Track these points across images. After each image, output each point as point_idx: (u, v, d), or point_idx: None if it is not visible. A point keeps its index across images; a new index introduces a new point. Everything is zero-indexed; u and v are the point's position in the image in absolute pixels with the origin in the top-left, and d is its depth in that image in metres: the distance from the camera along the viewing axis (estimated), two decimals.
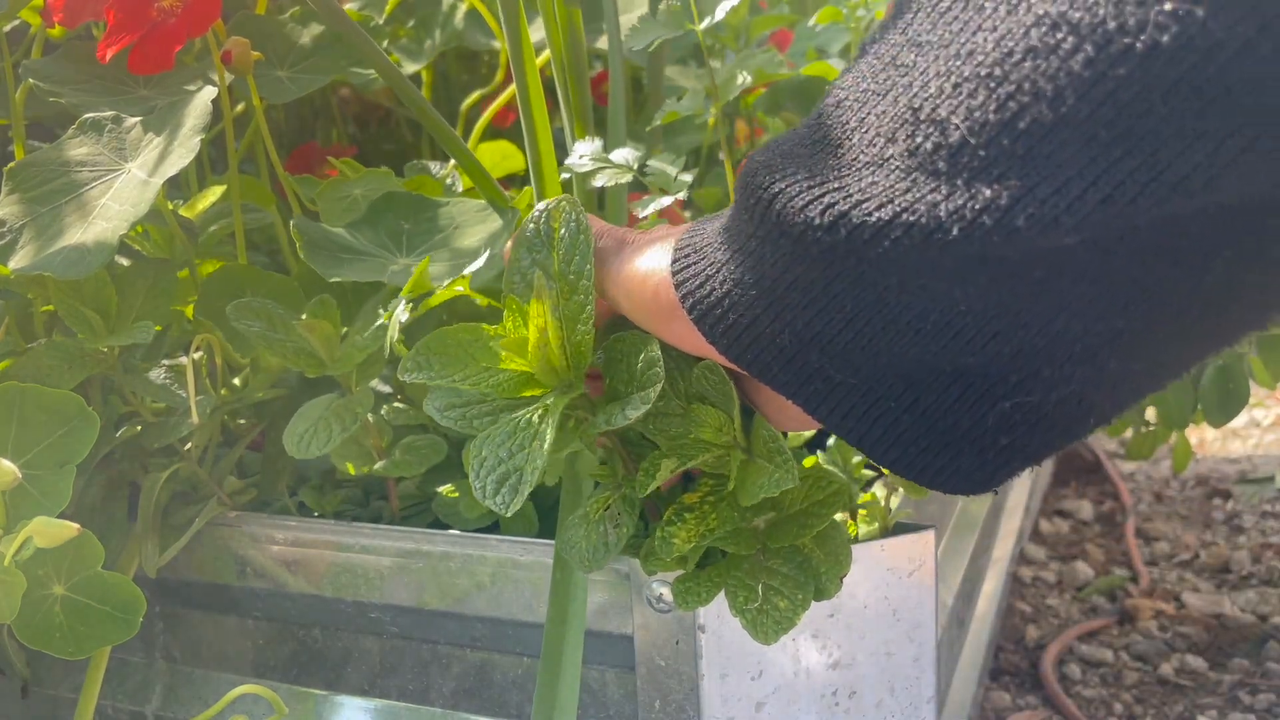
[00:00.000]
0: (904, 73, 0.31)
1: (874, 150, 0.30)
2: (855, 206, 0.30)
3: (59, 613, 0.50)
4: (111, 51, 0.56)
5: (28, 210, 0.53)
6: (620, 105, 0.67)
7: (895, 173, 0.29)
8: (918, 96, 0.30)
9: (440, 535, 0.56)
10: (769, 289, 0.34)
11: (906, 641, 0.54)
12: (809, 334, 0.33)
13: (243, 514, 0.61)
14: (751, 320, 0.35)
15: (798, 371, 0.35)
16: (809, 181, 0.32)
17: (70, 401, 0.51)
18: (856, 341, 0.33)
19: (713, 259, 0.36)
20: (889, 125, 0.30)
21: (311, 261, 0.56)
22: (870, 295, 0.31)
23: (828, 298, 0.32)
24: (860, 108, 0.32)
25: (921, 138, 0.29)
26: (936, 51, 0.30)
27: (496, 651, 0.56)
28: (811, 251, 0.31)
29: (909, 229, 0.28)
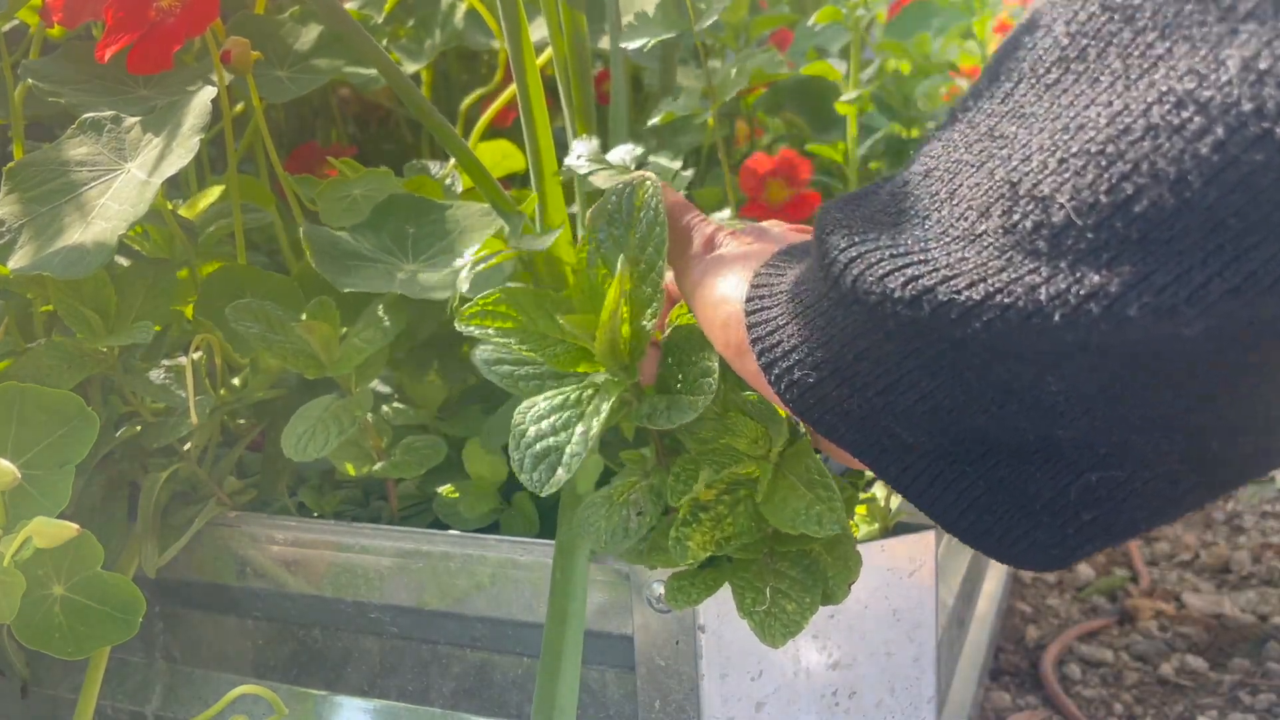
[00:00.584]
0: (1002, 144, 0.29)
1: (965, 224, 0.29)
2: (942, 282, 0.28)
3: (58, 613, 0.50)
4: (110, 51, 0.56)
5: (27, 210, 0.53)
6: (623, 105, 0.67)
7: (989, 250, 0.28)
8: (1017, 170, 0.28)
9: (440, 535, 0.56)
10: (839, 353, 0.33)
11: (907, 642, 0.54)
12: (880, 402, 0.32)
13: (242, 514, 0.61)
14: (819, 380, 0.34)
15: (865, 433, 0.34)
16: (890, 250, 0.30)
17: (70, 401, 0.51)
18: (931, 413, 0.31)
19: (786, 309, 0.35)
20: (983, 199, 0.29)
21: (322, 270, 0.56)
22: (950, 372, 0.30)
23: (902, 371, 0.31)
24: (951, 178, 0.30)
25: (1020, 215, 0.27)
26: (1041, 124, 0.28)
27: (496, 652, 0.56)
28: (888, 324, 0.30)
29: (1003, 311, 0.27)
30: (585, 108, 0.64)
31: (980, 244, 0.28)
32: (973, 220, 0.29)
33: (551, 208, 0.61)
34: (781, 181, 0.77)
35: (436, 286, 0.55)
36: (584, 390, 0.42)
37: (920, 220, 0.31)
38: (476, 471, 0.61)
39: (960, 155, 0.31)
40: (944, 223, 0.30)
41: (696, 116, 0.67)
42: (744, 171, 0.77)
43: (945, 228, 0.30)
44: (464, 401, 0.67)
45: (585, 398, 0.42)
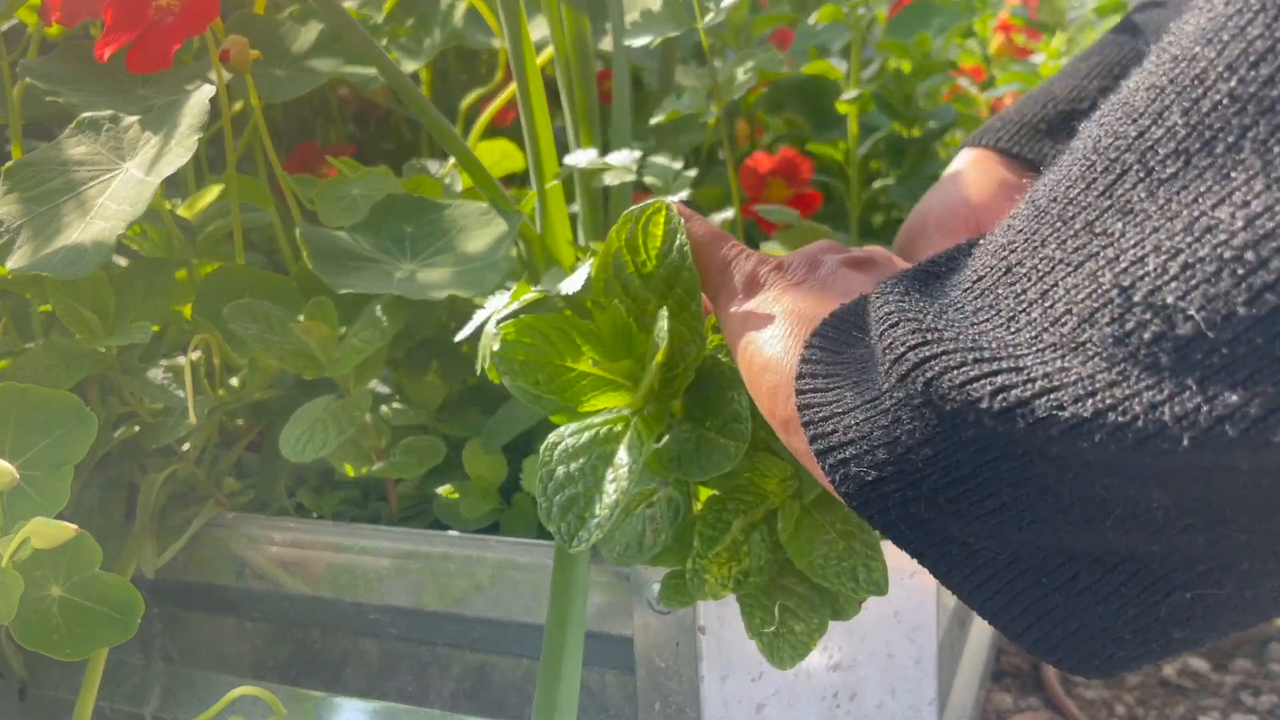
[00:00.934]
0: (1106, 243, 0.26)
1: (1064, 330, 0.26)
2: (1041, 395, 0.26)
3: (57, 614, 0.50)
4: (109, 50, 0.56)
5: (25, 210, 0.53)
6: (626, 104, 0.67)
7: (1096, 361, 0.25)
8: (1129, 274, 0.25)
9: (439, 536, 0.56)
10: (904, 455, 0.30)
11: (908, 643, 0.54)
12: (950, 509, 0.30)
13: (241, 515, 0.61)
14: (880, 479, 0.32)
15: (930, 538, 0.32)
16: (973, 354, 0.28)
17: (68, 402, 0.51)
18: (1010, 524, 0.29)
19: (843, 397, 0.33)
20: (1086, 303, 0.26)
21: (319, 270, 0.55)
22: (1037, 485, 0.27)
23: (977, 481, 0.29)
24: (1041, 277, 0.28)
25: (1136, 324, 0.25)
26: (1157, 223, 0.25)
27: (496, 653, 0.56)
28: (967, 432, 0.28)
29: (1117, 431, 0.24)
30: (588, 107, 0.64)
31: (1085, 354, 0.26)
32: (1073, 326, 0.26)
33: (551, 207, 0.61)
34: (782, 181, 0.77)
35: (435, 286, 0.55)
36: (613, 424, 0.40)
37: (1005, 322, 0.28)
38: (476, 472, 0.60)
39: (1051, 252, 0.28)
40: (1036, 326, 0.27)
41: (700, 115, 0.67)
42: (744, 171, 0.77)
43: (1038, 332, 0.27)
44: (463, 401, 0.67)
45: (614, 434, 0.39)
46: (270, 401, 0.64)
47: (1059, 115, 0.58)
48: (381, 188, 0.62)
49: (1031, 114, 0.58)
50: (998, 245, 0.30)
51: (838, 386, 0.34)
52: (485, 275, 0.55)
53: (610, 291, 0.41)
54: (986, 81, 0.99)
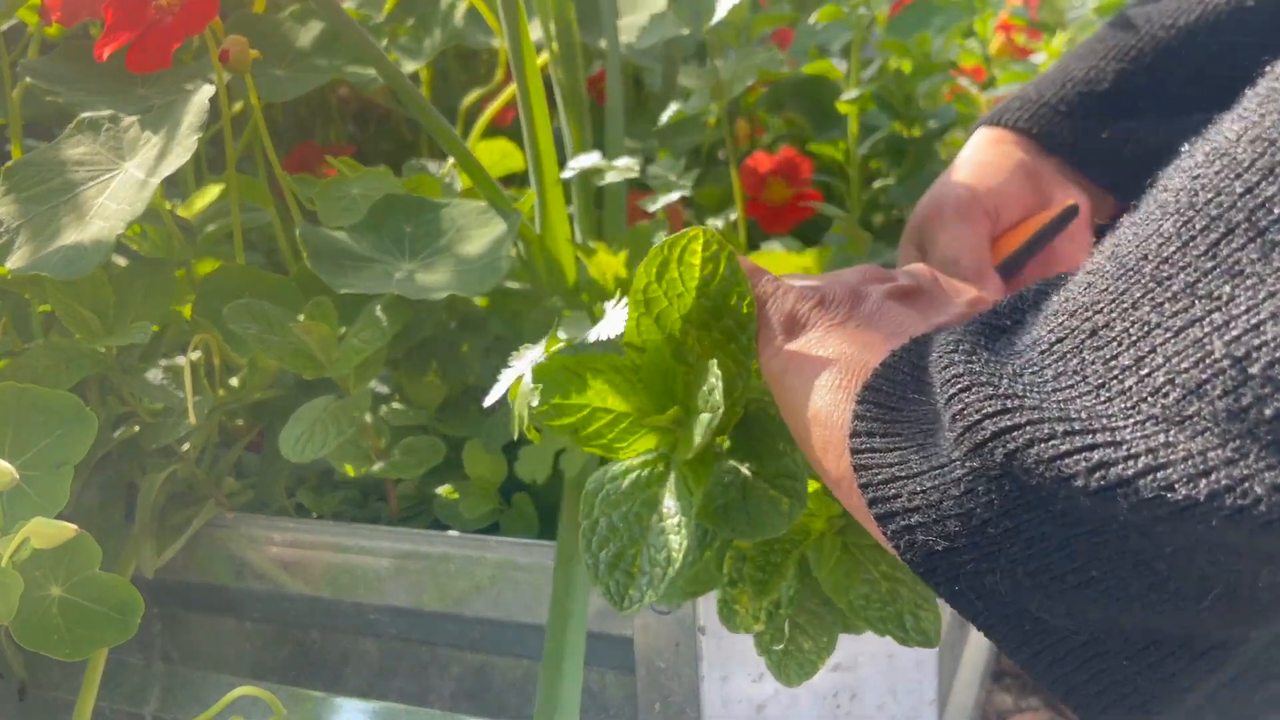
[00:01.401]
0: (1213, 306, 0.24)
1: (1167, 401, 0.24)
2: (1146, 474, 0.24)
3: (56, 614, 0.50)
4: (109, 50, 0.56)
5: (25, 210, 0.53)
6: (619, 104, 0.67)
7: (1206, 436, 0.24)
8: (1242, 342, 0.23)
9: (439, 536, 0.56)
10: (979, 528, 0.29)
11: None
12: (1029, 583, 0.28)
13: (240, 515, 0.61)
14: (951, 549, 0.30)
15: (1004, 613, 0.29)
16: (1062, 426, 0.26)
17: (68, 402, 0.51)
18: (1094, 601, 0.27)
19: (905, 459, 0.31)
20: (1193, 373, 0.24)
21: (319, 270, 0.55)
22: (1130, 562, 0.26)
23: (1063, 554, 0.27)
24: (1135, 342, 0.26)
25: (1253, 397, 0.23)
26: (1274, 287, 0.23)
27: (496, 653, 0.56)
28: (1056, 508, 0.26)
29: (1236, 514, 0.23)
30: (579, 107, 0.64)
31: (1193, 427, 0.24)
32: (1177, 397, 0.24)
33: (551, 207, 0.61)
34: (782, 180, 0.77)
35: (435, 286, 0.55)
36: (654, 465, 0.38)
37: (1094, 389, 0.26)
38: (476, 472, 0.60)
39: (1145, 315, 0.26)
40: (1131, 395, 0.25)
41: (704, 115, 0.67)
42: (745, 170, 0.77)
43: (1135, 402, 0.25)
44: (463, 401, 0.67)
45: (657, 475, 0.37)
46: (270, 401, 0.64)
47: (1077, 96, 0.56)
48: (381, 188, 0.62)
49: (1050, 94, 0.57)
50: (1079, 305, 0.28)
51: (899, 448, 0.32)
52: (485, 275, 0.55)
53: (644, 331, 0.38)
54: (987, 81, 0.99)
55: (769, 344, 0.38)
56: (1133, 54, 0.55)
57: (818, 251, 0.64)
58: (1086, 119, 0.56)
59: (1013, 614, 0.29)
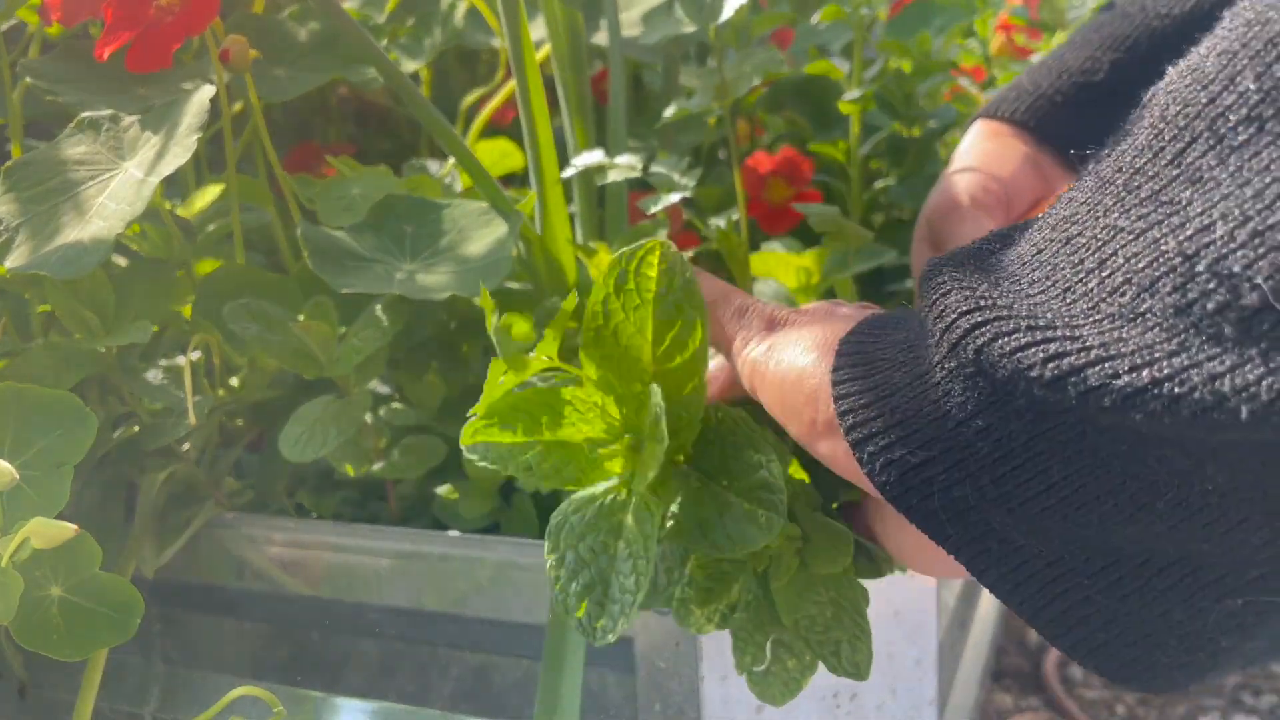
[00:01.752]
0: (1172, 211, 0.25)
1: (1124, 299, 0.25)
2: (1095, 364, 0.25)
3: (56, 614, 0.50)
4: (109, 50, 0.56)
5: (24, 209, 0.53)
6: (620, 103, 0.66)
7: (1155, 330, 0.24)
8: (1193, 242, 0.24)
9: (439, 536, 0.56)
10: (953, 431, 0.29)
11: (908, 643, 0.54)
12: (996, 491, 0.28)
13: (240, 515, 0.61)
14: (923, 460, 0.30)
15: (970, 528, 0.30)
16: (1027, 321, 0.27)
17: (67, 402, 0.51)
18: (1056, 509, 0.28)
19: (884, 380, 0.32)
20: (1147, 272, 0.25)
21: (319, 270, 0.55)
22: (1087, 462, 0.26)
23: (1028, 455, 0.27)
24: (1101, 245, 0.27)
25: (1198, 293, 0.24)
26: (1227, 190, 0.24)
27: (496, 654, 0.56)
28: (1018, 403, 0.27)
29: (1174, 401, 0.23)
30: (582, 106, 0.64)
31: (1144, 323, 0.25)
32: (1132, 295, 0.25)
33: (551, 207, 0.61)
34: (783, 180, 0.77)
35: (435, 287, 0.55)
36: (617, 491, 0.37)
37: (1062, 291, 0.27)
38: (476, 472, 0.60)
39: (1113, 220, 0.27)
40: (1093, 296, 0.26)
41: (707, 114, 0.67)
42: (745, 170, 0.77)
43: (1095, 301, 0.26)
44: (463, 401, 0.67)
45: (620, 502, 0.36)
46: (270, 401, 0.64)
47: (1073, 87, 0.56)
48: (381, 188, 0.62)
49: (1046, 84, 0.57)
50: (1058, 218, 0.29)
51: (881, 371, 0.32)
52: (486, 276, 0.55)
53: (601, 343, 0.37)
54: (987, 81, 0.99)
55: (751, 341, 0.38)
56: (1128, 44, 0.55)
57: (818, 251, 0.64)
58: (1082, 110, 0.56)
59: (981, 534, 0.30)
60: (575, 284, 0.62)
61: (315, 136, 0.88)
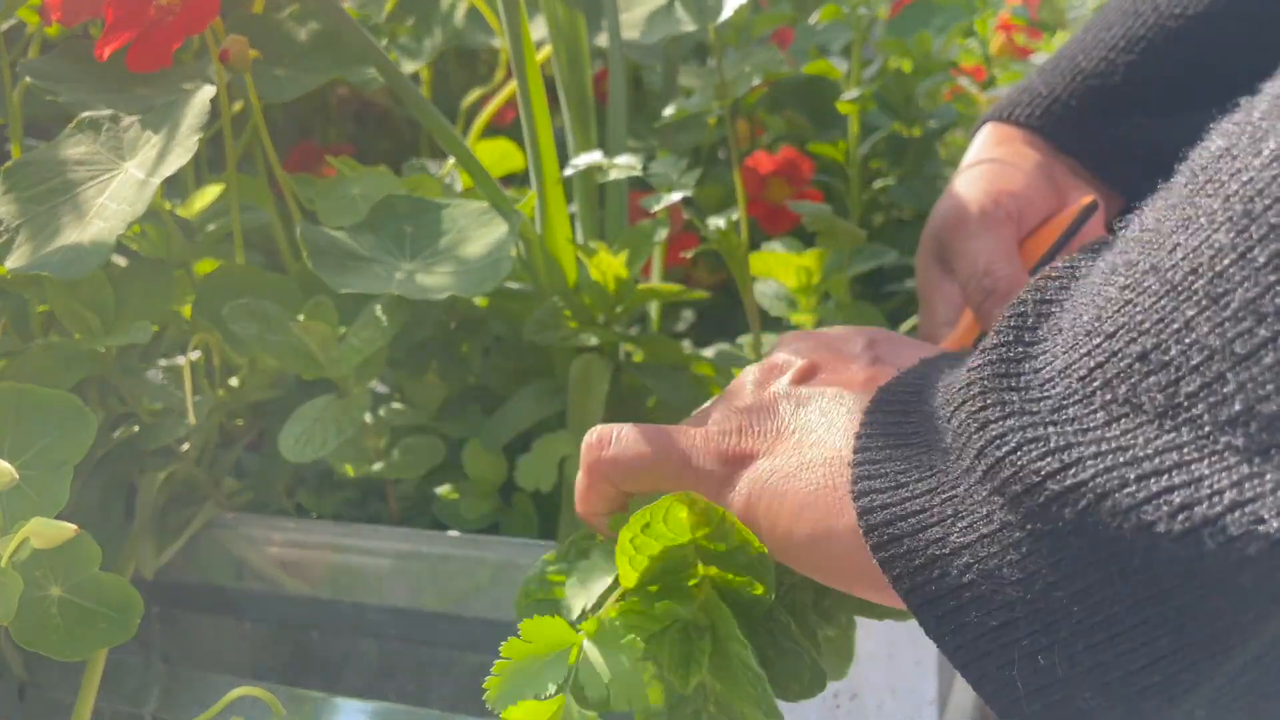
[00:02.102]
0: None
1: (1250, 431, 0.22)
2: (1233, 509, 0.21)
3: (56, 614, 0.50)
4: (109, 49, 0.56)
5: (24, 210, 0.53)
6: (621, 103, 0.66)
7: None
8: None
9: (439, 536, 0.56)
10: (1041, 592, 0.25)
11: (908, 644, 0.54)
12: (1091, 662, 0.25)
13: (240, 515, 0.61)
14: (1003, 623, 0.26)
15: (1055, 705, 0.26)
16: (1131, 470, 0.23)
17: (67, 402, 0.51)
18: (1159, 689, 0.24)
19: (939, 533, 0.28)
20: (1274, 400, 0.22)
21: (319, 270, 0.55)
22: (1203, 633, 0.23)
23: (1136, 622, 0.24)
24: (1199, 367, 0.23)
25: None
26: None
27: (496, 654, 0.56)
28: (1131, 562, 0.23)
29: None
30: (583, 106, 0.64)
31: (1279, 459, 0.21)
32: (1259, 427, 0.22)
33: (552, 207, 0.61)
34: (783, 180, 0.77)
35: (435, 288, 0.55)
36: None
37: (1154, 419, 0.23)
38: (476, 472, 0.60)
39: (1205, 338, 0.23)
40: (1204, 425, 0.23)
41: (708, 113, 0.67)
42: (745, 170, 0.77)
43: (1209, 433, 0.22)
44: (463, 401, 0.67)
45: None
46: (270, 401, 0.64)
47: (1088, 90, 0.54)
48: (381, 187, 0.62)
49: (1060, 87, 0.55)
50: (1118, 325, 0.25)
51: (931, 523, 0.28)
52: (486, 277, 0.55)
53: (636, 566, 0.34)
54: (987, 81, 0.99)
55: (720, 492, 0.34)
56: (1141, 45, 0.53)
57: (818, 251, 0.64)
58: (1099, 116, 0.54)
59: (1059, 704, 0.26)
60: (575, 284, 0.62)
61: (315, 136, 0.88)
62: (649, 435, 0.37)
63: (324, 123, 0.89)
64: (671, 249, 0.76)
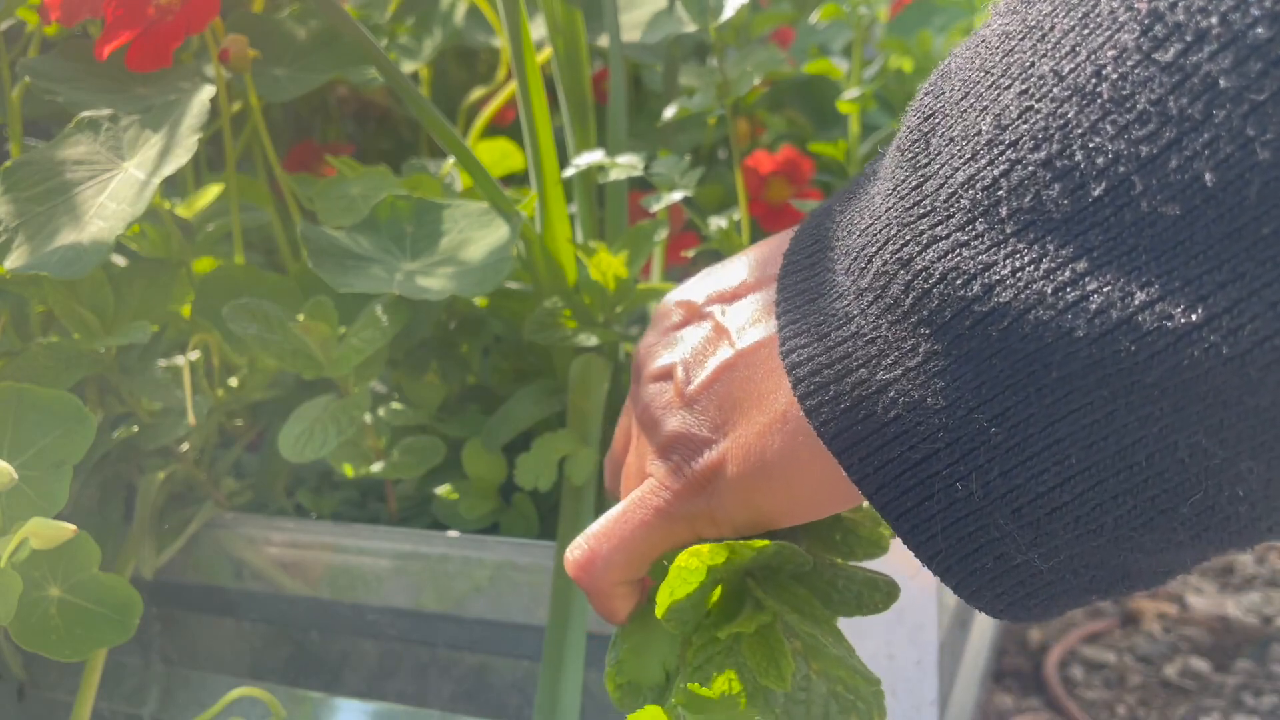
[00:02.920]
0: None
1: (1159, 229, 0.22)
2: (1145, 309, 0.22)
3: (55, 615, 0.50)
4: (109, 49, 0.56)
5: (24, 209, 0.53)
6: (621, 103, 0.66)
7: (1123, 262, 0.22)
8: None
9: (438, 537, 0.56)
10: (961, 422, 0.25)
11: (908, 644, 0.54)
12: (1006, 486, 0.25)
13: (239, 515, 0.61)
14: (925, 456, 0.26)
15: (966, 539, 0.26)
16: (1035, 271, 0.23)
17: (67, 402, 0.51)
18: (1070, 508, 0.24)
19: (864, 374, 0.27)
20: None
21: (319, 270, 0.55)
22: (1113, 448, 0.23)
23: (1049, 441, 0.24)
24: (1115, 166, 0.23)
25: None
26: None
27: (495, 654, 0.56)
28: (1050, 376, 0.23)
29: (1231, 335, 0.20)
30: (582, 106, 0.64)
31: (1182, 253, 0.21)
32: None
33: (552, 207, 0.61)
34: (784, 180, 0.77)
35: (435, 289, 0.55)
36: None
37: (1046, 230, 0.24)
38: (475, 472, 0.60)
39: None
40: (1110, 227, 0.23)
41: (709, 113, 0.66)
42: (746, 170, 0.77)
43: (1110, 236, 0.22)
44: (463, 401, 0.67)
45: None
46: (270, 401, 0.64)
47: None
48: (381, 187, 0.62)
49: None
50: (1018, 135, 0.25)
51: (854, 365, 0.28)
52: (486, 278, 0.55)
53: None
54: None
55: (709, 516, 0.33)
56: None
57: None
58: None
59: (976, 546, 0.26)
60: (575, 284, 0.62)
61: (315, 136, 0.88)
62: (614, 527, 0.35)
63: (324, 123, 0.89)
64: (672, 249, 0.76)
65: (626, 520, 0.35)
